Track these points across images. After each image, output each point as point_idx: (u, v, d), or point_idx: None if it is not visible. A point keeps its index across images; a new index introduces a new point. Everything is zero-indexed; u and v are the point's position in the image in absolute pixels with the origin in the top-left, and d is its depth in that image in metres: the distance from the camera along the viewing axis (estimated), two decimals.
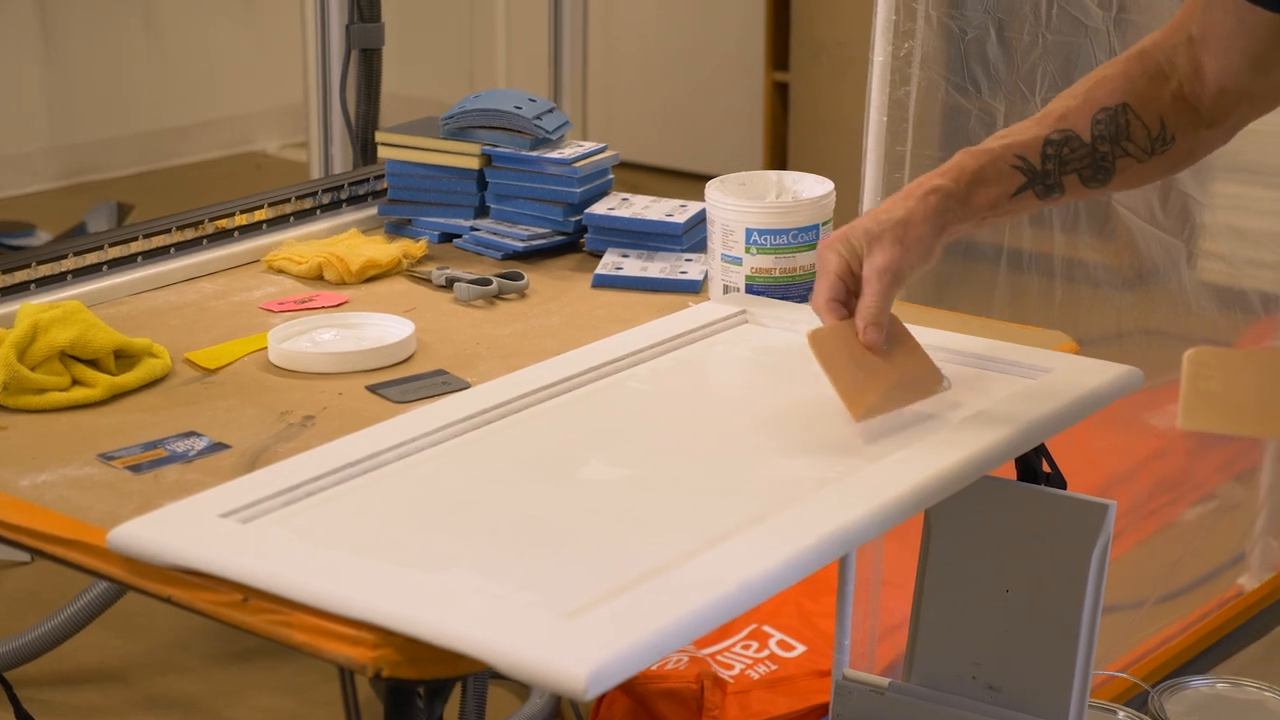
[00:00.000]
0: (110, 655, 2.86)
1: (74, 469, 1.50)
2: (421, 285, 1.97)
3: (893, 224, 1.51)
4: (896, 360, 1.55)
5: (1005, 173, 1.52)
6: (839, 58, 4.58)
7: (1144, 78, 1.53)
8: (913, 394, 1.55)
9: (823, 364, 1.53)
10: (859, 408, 1.51)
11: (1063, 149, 1.52)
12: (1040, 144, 1.52)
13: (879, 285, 1.51)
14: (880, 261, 1.50)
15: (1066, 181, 1.54)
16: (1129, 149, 1.53)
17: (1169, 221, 2.48)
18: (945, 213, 1.51)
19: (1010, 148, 1.52)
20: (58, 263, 1.90)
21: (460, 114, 2.10)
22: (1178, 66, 1.53)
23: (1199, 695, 2.26)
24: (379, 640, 1.23)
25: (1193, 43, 1.52)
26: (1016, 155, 1.52)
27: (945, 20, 2.19)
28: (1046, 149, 1.52)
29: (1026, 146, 1.52)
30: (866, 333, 1.52)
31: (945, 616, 1.79)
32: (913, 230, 1.50)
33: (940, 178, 1.52)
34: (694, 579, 1.27)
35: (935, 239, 1.51)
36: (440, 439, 1.53)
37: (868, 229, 1.51)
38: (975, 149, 1.52)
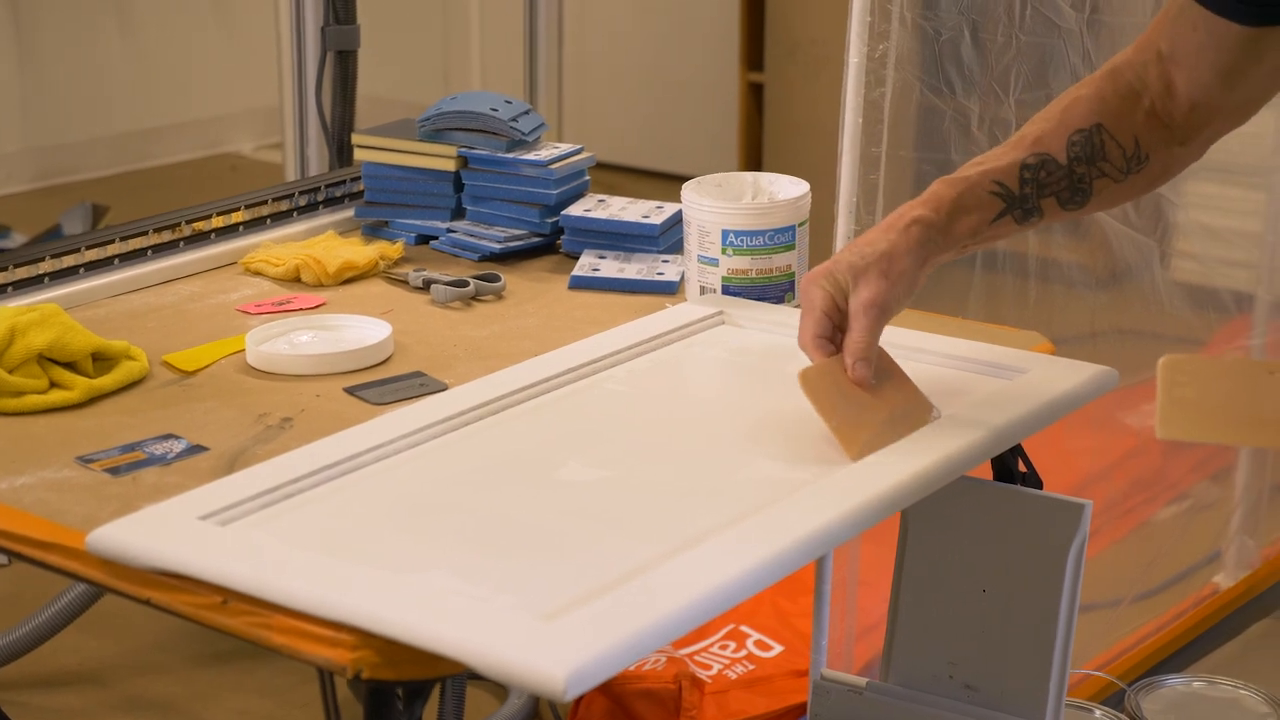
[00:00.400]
0: (88, 657, 2.85)
1: (52, 472, 1.50)
2: (398, 287, 1.98)
3: (877, 257, 1.50)
4: (886, 394, 1.54)
5: (984, 199, 1.52)
6: (814, 57, 4.59)
7: (1116, 97, 1.53)
8: (905, 426, 1.54)
9: (814, 403, 1.52)
10: (854, 446, 1.50)
11: (1039, 173, 1.52)
12: (1017, 169, 1.52)
13: (866, 320, 1.50)
14: (866, 296, 1.50)
15: (1045, 205, 1.54)
16: (1105, 169, 1.53)
17: (1142, 221, 2.50)
18: (928, 244, 1.51)
19: (987, 174, 1.52)
20: (34, 265, 1.90)
21: (436, 116, 2.11)
22: (1149, 84, 1.53)
23: (1175, 694, 2.27)
24: (358, 642, 1.24)
25: (1162, 59, 1.52)
26: (994, 181, 1.52)
27: (920, 21, 2.20)
28: (1024, 173, 1.52)
29: (1003, 172, 1.52)
30: (855, 369, 1.52)
31: (922, 616, 1.80)
32: (897, 263, 1.50)
33: (921, 208, 1.51)
34: (672, 580, 1.28)
35: (919, 270, 1.51)
36: (418, 440, 1.54)
37: (852, 264, 1.50)
38: (952, 177, 1.52)
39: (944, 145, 2.30)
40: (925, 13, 2.20)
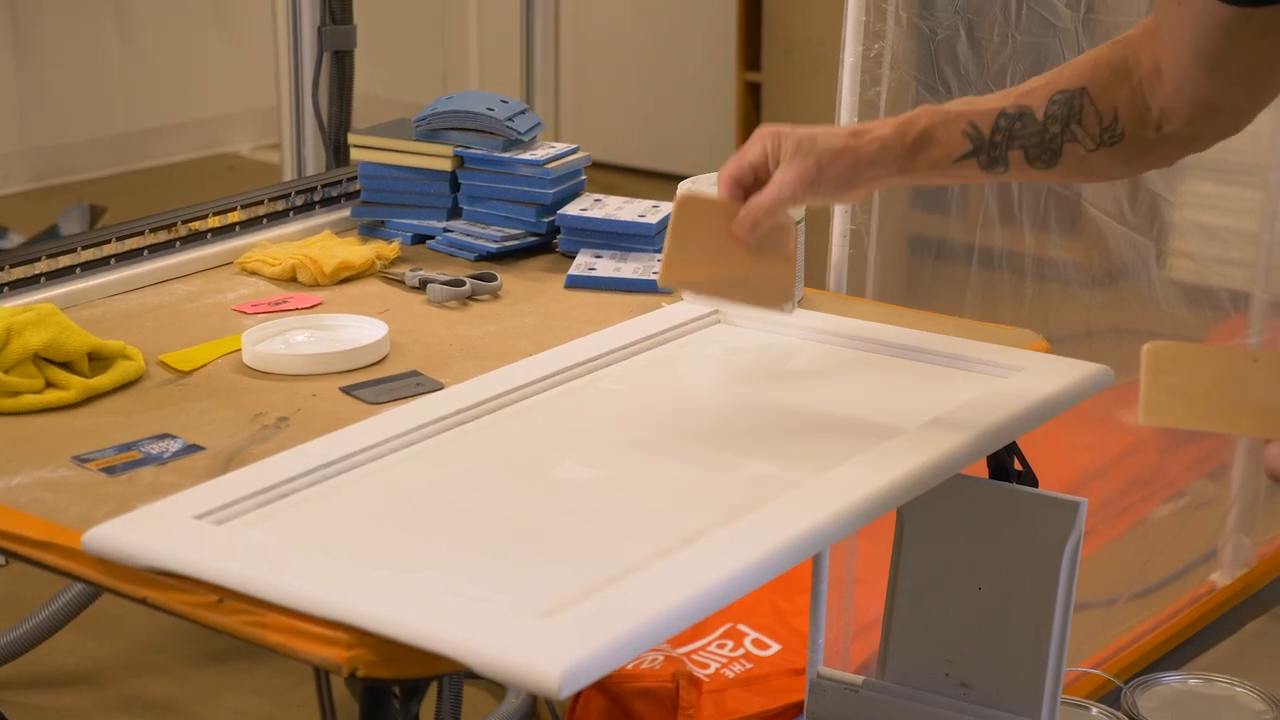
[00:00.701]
0: (85, 657, 2.85)
1: (48, 471, 1.50)
2: (395, 287, 1.98)
3: (823, 150, 1.52)
4: (755, 264, 1.54)
5: (954, 138, 1.53)
6: (811, 56, 4.59)
7: (1109, 67, 1.53)
8: (745, 295, 1.55)
9: (674, 225, 1.53)
10: (671, 275, 1.52)
11: (1015, 123, 1.52)
12: (994, 115, 1.53)
13: (775, 192, 1.51)
14: (791, 174, 1.51)
15: (1012, 157, 1.54)
16: (1077, 134, 1.52)
17: (1138, 220, 2.50)
18: (877, 164, 1.52)
19: (966, 114, 1.53)
20: (31, 265, 1.90)
21: (432, 115, 2.11)
22: (1141, 60, 1.52)
23: (1171, 691, 2.27)
24: (354, 640, 1.24)
25: (1154, 36, 1.52)
26: (969, 122, 1.53)
27: (915, 21, 2.20)
28: (999, 120, 1.53)
29: (981, 116, 1.53)
30: (739, 224, 1.53)
31: (918, 614, 1.80)
32: (836, 164, 1.51)
33: (889, 128, 1.53)
34: (666, 578, 1.28)
35: (854, 181, 1.53)
36: (414, 440, 1.54)
37: (800, 140, 1.52)
38: (934, 108, 1.53)
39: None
40: (921, 12, 2.20)
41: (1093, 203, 2.43)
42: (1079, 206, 2.44)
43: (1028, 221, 2.40)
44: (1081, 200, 2.43)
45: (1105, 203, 2.44)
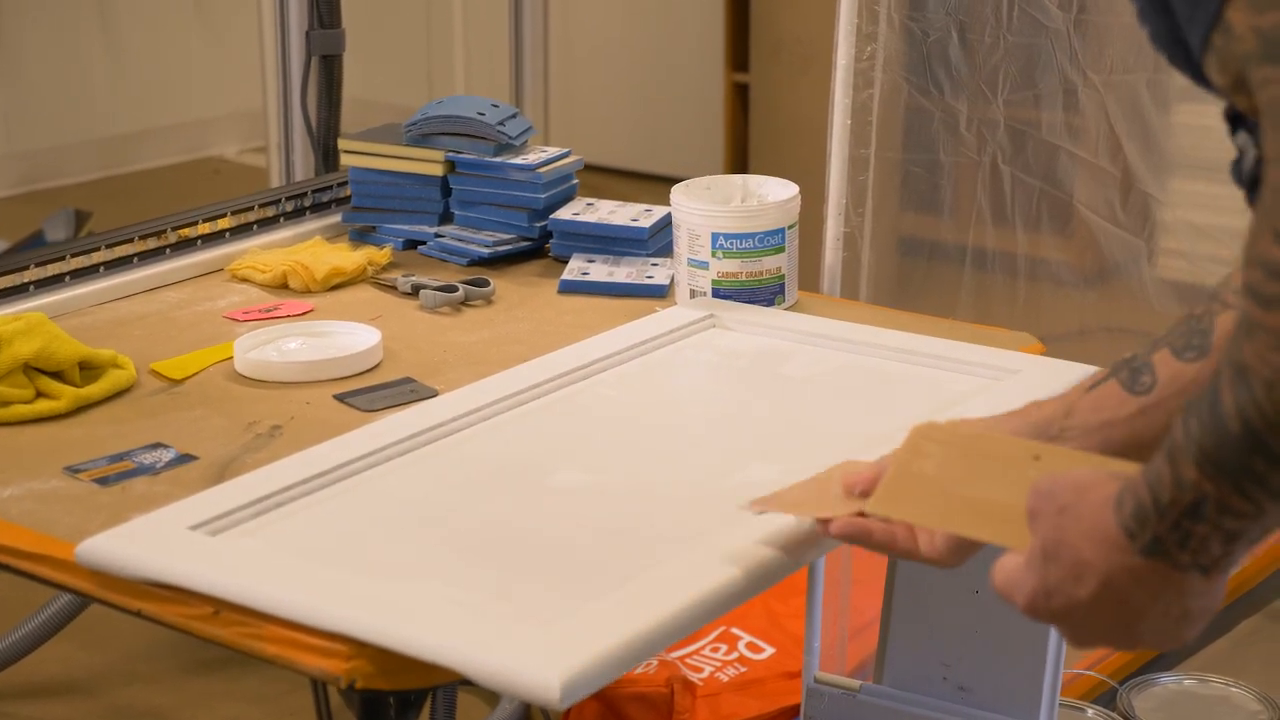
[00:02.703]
0: (75, 667, 2.84)
1: (40, 482, 1.49)
2: (387, 293, 1.97)
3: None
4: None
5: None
6: (798, 57, 4.58)
7: None
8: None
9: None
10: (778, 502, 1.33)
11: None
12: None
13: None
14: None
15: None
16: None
17: (1129, 220, 2.49)
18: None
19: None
20: (19, 274, 1.89)
21: (423, 120, 2.10)
22: None
23: (1166, 692, 2.27)
24: (352, 651, 1.23)
25: None
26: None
27: (907, 22, 2.20)
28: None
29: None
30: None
31: (915, 618, 1.79)
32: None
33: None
34: (667, 585, 1.27)
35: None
36: (409, 447, 1.53)
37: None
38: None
39: (932, 146, 2.30)
40: (913, 14, 2.20)
41: (1084, 203, 2.43)
42: (1071, 207, 2.44)
43: (1020, 222, 2.40)
44: (1074, 201, 2.43)
45: (1097, 204, 2.43)
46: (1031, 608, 1.08)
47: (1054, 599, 1.06)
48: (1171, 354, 1.24)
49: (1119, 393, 1.25)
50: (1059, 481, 1.07)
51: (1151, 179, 2.54)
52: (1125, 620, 1.04)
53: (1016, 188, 2.37)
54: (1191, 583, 1.01)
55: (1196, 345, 1.23)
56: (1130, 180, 2.48)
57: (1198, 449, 0.97)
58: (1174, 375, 1.23)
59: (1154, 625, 1.03)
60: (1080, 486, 1.06)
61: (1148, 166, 2.48)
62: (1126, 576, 1.02)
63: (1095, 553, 1.03)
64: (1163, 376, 1.24)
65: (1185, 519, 0.99)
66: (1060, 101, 2.32)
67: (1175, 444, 0.99)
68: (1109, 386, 1.26)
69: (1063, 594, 1.05)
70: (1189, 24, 0.98)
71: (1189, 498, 0.98)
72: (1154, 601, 1.02)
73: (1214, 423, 0.96)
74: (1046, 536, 1.06)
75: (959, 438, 1.22)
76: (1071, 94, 2.33)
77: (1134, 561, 1.02)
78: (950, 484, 1.20)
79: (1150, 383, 1.24)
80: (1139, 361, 1.25)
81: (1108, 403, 1.25)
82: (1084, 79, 2.32)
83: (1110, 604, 1.03)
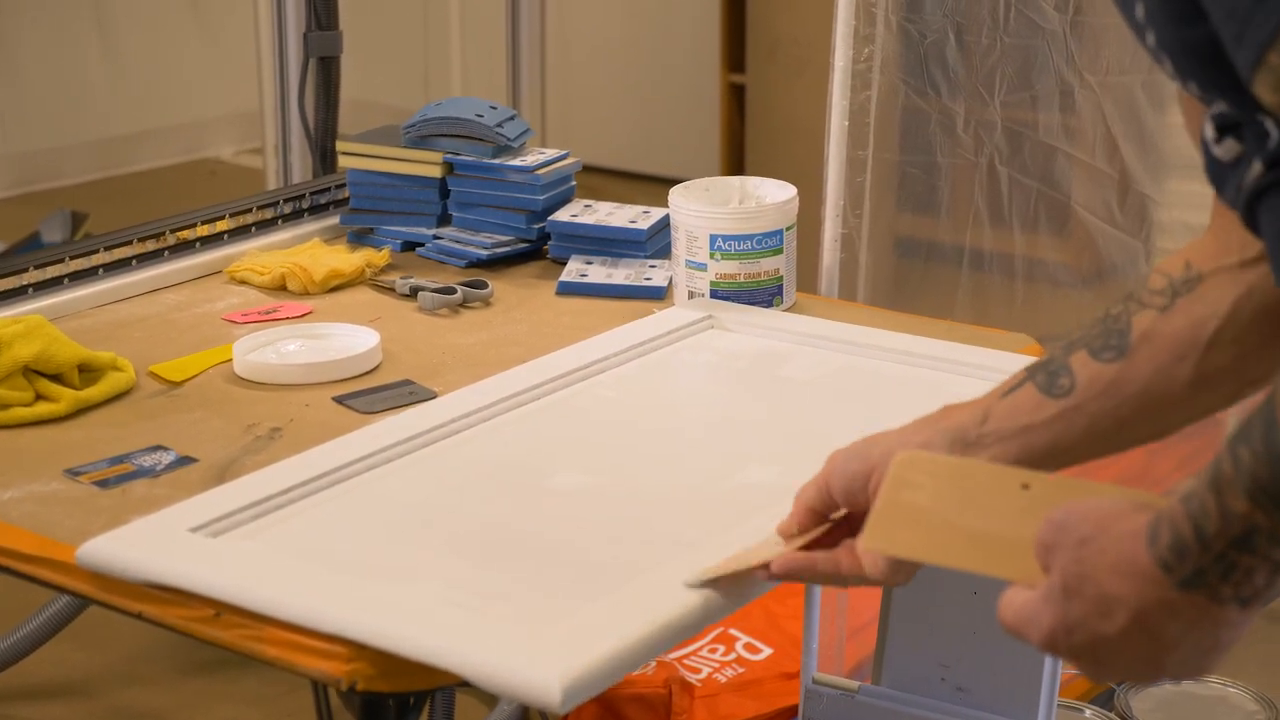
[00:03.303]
0: (73, 668, 2.84)
1: (40, 485, 1.49)
2: (385, 295, 1.97)
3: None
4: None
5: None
6: (795, 58, 4.58)
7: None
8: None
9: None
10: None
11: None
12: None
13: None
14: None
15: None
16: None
17: (1127, 221, 2.50)
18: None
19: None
20: (18, 276, 1.89)
21: (421, 122, 2.10)
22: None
23: (1164, 692, 2.27)
24: (352, 654, 1.23)
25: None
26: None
27: (904, 24, 2.20)
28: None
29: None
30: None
31: (914, 619, 1.80)
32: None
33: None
34: (668, 588, 1.27)
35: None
36: (409, 449, 1.53)
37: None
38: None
39: (929, 147, 2.30)
40: (910, 15, 2.20)
41: (1082, 205, 2.44)
42: (1068, 208, 2.44)
43: (1017, 223, 2.40)
44: (1071, 202, 2.43)
45: (1095, 205, 2.44)
46: (1050, 644, 1.05)
47: (1075, 634, 1.03)
48: (1089, 355, 1.21)
49: (1036, 396, 1.22)
50: (1075, 512, 1.04)
51: (1148, 180, 2.55)
52: (1154, 654, 1.01)
53: (1014, 189, 2.38)
54: (1228, 615, 0.99)
55: (1115, 345, 1.21)
56: (1127, 181, 2.48)
57: (1250, 480, 0.94)
58: (1093, 377, 1.21)
59: (1183, 657, 1.01)
60: (1103, 517, 1.03)
61: (1144, 167, 2.48)
62: (1161, 610, 0.99)
63: (1124, 586, 1.00)
64: (1081, 379, 1.21)
65: (1233, 550, 0.96)
66: (1057, 103, 2.33)
67: (1222, 474, 0.96)
68: (1025, 391, 1.23)
69: (1087, 629, 1.02)
70: (1237, 41, 0.95)
71: (1238, 529, 0.95)
72: (1187, 634, 1.00)
73: (1268, 453, 0.94)
74: (1067, 570, 1.03)
75: (945, 467, 1.17)
76: (1068, 95, 2.33)
77: (1170, 595, 0.99)
78: (944, 516, 1.15)
79: (1069, 385, 1.22)
80: (1056, 364, 1.22)
81: (1024, 407, 1.23)
82: (1080, 80, 2.32)
83: (1140, 638, 1.01)
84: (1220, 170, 1.01)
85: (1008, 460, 1.21)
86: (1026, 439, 1.22)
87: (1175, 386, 1.20)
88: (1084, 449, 1.23)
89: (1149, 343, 1.20)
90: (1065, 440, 1.22)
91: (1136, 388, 1.20)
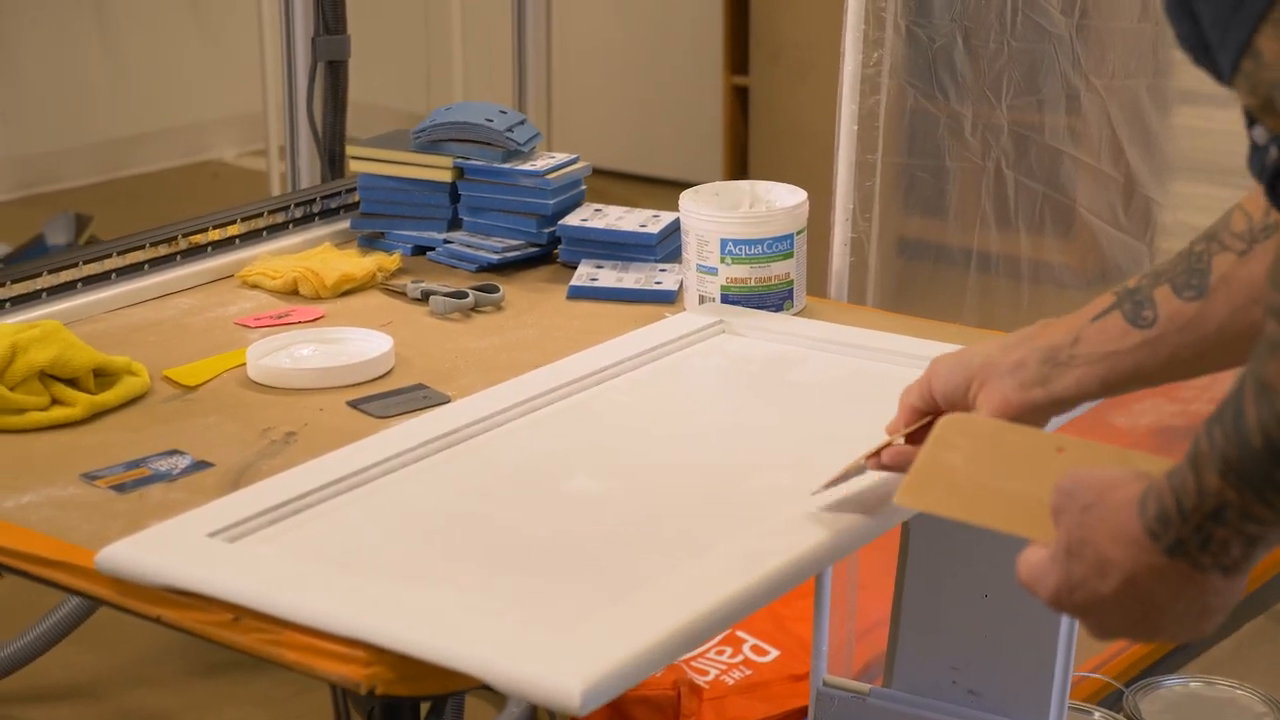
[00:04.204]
0: (82, 671, 2.84)
1: (57, 489, 1.50)
2: (397, 299, 1.98)
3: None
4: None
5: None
6: (798, 60, 4.59)
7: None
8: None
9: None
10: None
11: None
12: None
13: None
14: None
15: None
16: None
17: (1131, 224, 2.51)
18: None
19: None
20: (32, 280, 1.89)
21: (431, 127, 2.11)
22: None
23: (1173, 694, 2.28)
24: (372, 658, 1.24)
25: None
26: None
27: (913, 28, 2.21)
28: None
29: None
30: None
31: (925, 622, 1.81)
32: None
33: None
34: (686, 591, 1.28)
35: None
36: (425, 454, 1.54)
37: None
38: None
39: (937, 151, 2.31)
40: (918, 19, 2.21)
41: (1087, 207, 2.44)
42: (1074, 212, 2.45)
43: (1024, 226, 2.41)
44: (1076, 205, 2.44)
45: (1100, 207, 2.45)
46: (1056, 601, 1.12)
47: (1077, 593, 1.10)
48: (1172, 291, 1.28)
49: (1122, 325, 1.31)
50: (1081, 480, 1.11)
51: (1153, 183, 2.55)
52: (1147, 615, 1.09)
53: (1020, 192, 2.39)
54: (1212, 581, 1.06)
55: (1195, 285, 1.27)
56: (1133, 184, 2.49)
57: (1221, 460, 1.01)
58: (1174, 313, 1.28)
59: (1175, 619, 1.08)
60: (1103, 486, 1.10)
61: (1149, 170, 2.49)
62: (1150, 574, 1.07)
63: (1119, 551, 1.08)
64: (1164, 313, 1.29)
65: (1208, 523, 1.03)
66: (1063, 106, 2.34)
67: (1200, 452, 1.03)
68: (1113, 318, 1.31)
69: (1086, 589, 1.09)
70: (1219, 47, 1.01)
71: (1211, 504, 1.03)
72: (1176, 598, 1.07)
73: (1237, 436, 1.01)
74: (1071, 533, 1.10)
75: (986, 430, 1.26)
76: (1074, 99, 2.34)
77: (1157, 560, 1.06)
78: (976, 476, 1.23)
79: (1152, 318, 1.29)
80: (1141, 295, 1.30)
81: (1112, 334, 1.31)
82: (1086, 84, 2.33)
83: (1133, 599, 1.08)
84: (1254, 151, 1.06)
85: (1094, 381, 1.31)
86: (1112, 363, 1.31)
87: (1250, 327, 1.26)
88: (1165, 374, 1.33)
89: (1226, 285, 1.27)
90: (1148, 367, 1.31)
91: (1214, 325, 1.28)
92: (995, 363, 1.34)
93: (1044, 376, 1.32)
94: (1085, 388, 1.32)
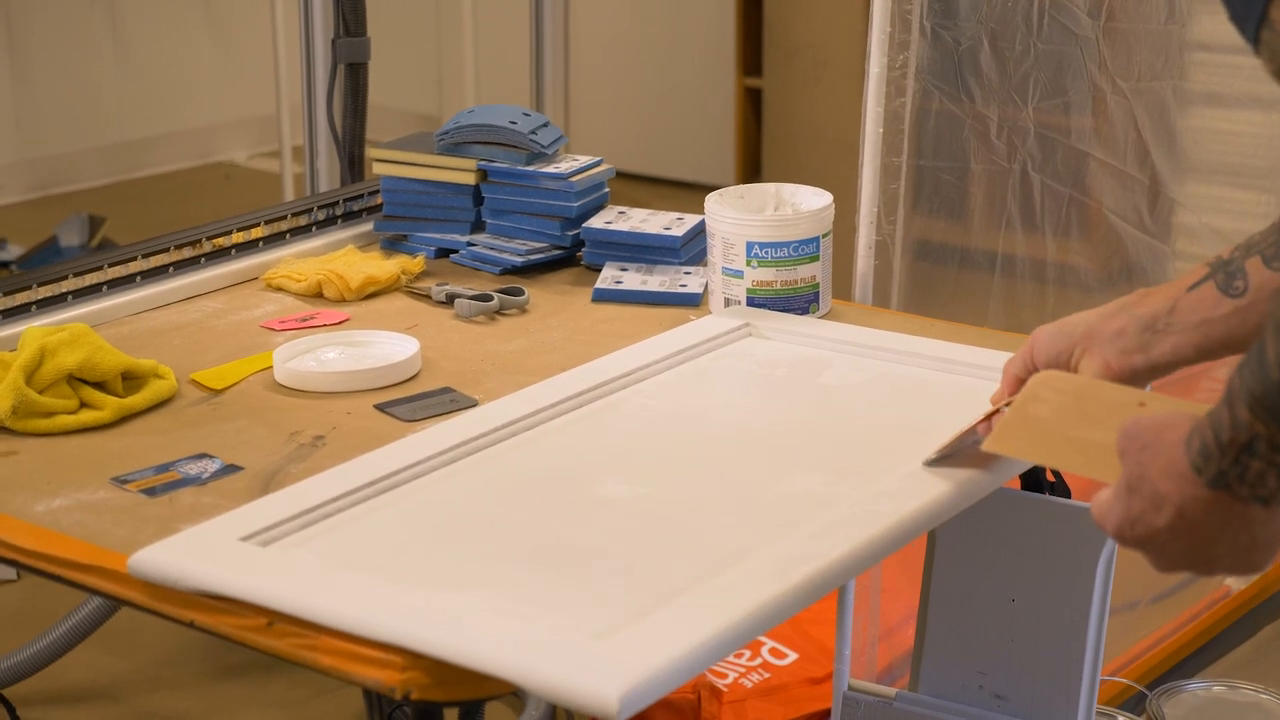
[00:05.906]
0: (101, 673, 2.84)
1: (88, 493, 1.50)
2: (421, 301, 1.97)
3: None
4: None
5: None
6: (811, 62, 4.58)
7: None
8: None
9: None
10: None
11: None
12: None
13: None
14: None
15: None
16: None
17: (1157, 226, 2.50)
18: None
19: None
20: (57, 284, 1.89)
21: (455, 129, 2.10)
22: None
23: (1196, 699, 2.27)
24: (407, 663, 1.23)
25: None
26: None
27: (939, 30, 2.20)
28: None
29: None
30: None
31: (951, 626, 1.80)
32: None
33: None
34: (722, 597, 1.28)
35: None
36: (454, 458, 1.53)
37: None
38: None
39: (963, 153, 2.30)
40: (944, 21, 2.20)
41: (1113, 210, 2.44)
42: (1099, 214, 2.45)
43: (1050, 229, 2.40)
44: (1102, 208, 2.44)
45: (1125, 210, 2.44)
46: (1119, 534, 1.20)
47: (1137, 527, 1.18)
48: (1263, 262, 1.37)
49: (1215, 294, 1.39)
50: (1141, 423, 1.19)
51: (1175, 183, 2.55)
52: (1199, 546, 1.16)
53: (1046, 194, 2.38)
54: (1254, 513, 1.13)
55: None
56: (1158, 186, 2.48)
57: (1249, 394, 1.10)
58: (1263, 283, 1.37)
59: (1226, 552, 1.15)
60: (1159, 427, 1.18)
61: (1174, 173, 2.48)
62: (1197, 506, 1.14)
63: (1170, 485, 1.16)
64: (1254, 283, 1.37)
65: (1243, 455, 1.11)
66: (1089, 108, 2.33)
67: (1233, 389, 1.11)
68: (1206, 288, 1.39)
69: (1144, 523, 1.17)
70: (1243, 22, 1.10)
71: (1244, 437, 1.10)
72: (1223, 530, 1.14)
73: (1261, 372, 1.09)
74: (1130, 472, 1.18)
75: (1075, 385, 1.36)
76: (1100, 101, 2.33)
77: (1203, 493, 1.14)
78: (1060, 426, 1.33)
79: (1243, 287, 1.38)
80: (1234, 265, 1.38)
81: (1206, 303, 1.39)
82: (1112, 86, 2.33)
83: (1185, 531, 1.15)
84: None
85: (1190, 347, 1.40)
86: (1206, 330, 1.40)
87: None
88: (1256, 340, 1.37)
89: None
90: (1239, 334, 1.39)
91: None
92: (1096, 330, 1.43)
93: (1143, 343, 1.40)
94: (1181, 353, 1.40)
